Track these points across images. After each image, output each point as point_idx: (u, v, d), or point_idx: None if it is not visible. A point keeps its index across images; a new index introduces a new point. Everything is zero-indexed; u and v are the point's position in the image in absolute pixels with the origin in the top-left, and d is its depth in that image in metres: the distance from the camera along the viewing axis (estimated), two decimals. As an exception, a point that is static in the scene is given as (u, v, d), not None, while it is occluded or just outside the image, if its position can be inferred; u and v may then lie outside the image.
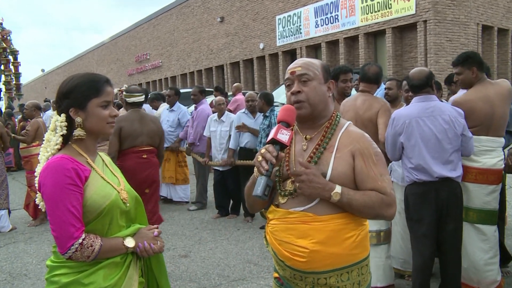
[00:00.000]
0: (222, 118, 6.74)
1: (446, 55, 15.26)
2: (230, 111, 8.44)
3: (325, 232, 1.82)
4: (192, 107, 8.21)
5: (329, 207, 1.84)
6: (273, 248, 1.94)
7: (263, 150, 1.80)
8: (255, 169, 1.91)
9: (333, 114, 2.00)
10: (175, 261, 5.00)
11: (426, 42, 15.60)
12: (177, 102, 7.66)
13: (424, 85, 3.47)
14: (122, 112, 6.82)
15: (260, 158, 1.80)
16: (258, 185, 1.76)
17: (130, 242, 1.86)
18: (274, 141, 1.81)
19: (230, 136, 6.59)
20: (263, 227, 5.95)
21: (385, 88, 4.80)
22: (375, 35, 18.04)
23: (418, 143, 3.38)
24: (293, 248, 1.84)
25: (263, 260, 4.93)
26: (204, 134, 6.99)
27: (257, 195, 1.75)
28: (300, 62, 1.98)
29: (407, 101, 4.24)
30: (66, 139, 1.85)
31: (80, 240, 1.72)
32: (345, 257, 1.84)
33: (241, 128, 6.29)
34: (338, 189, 1.81)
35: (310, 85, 1.93)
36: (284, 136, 1.81)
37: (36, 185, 1.82)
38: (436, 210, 3.39)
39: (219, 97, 7.13)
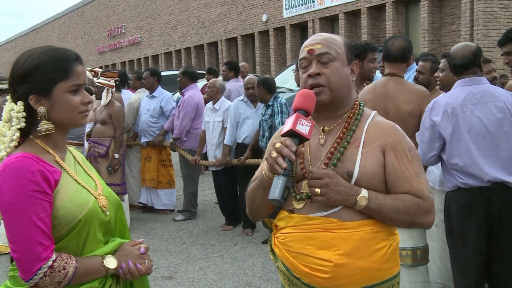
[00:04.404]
0: (215, 105, 6.77)
1: (499, 27, 15.07)
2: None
3: (352, 242, 1.86)
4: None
5: (356, 212, 1.90)
6: (285, 263, 1.97)
7: (278, 145, 1.80)
8: (265, 167, 1.93)
9: (356, 102, 2.07)
10: (157, 283, 5.02)
11: (472, 10, 15.48)
12: (159, 87, 7.66)
13: (470, 65, 3.43)
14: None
15: (275, 154, 1.80)
16: (275, 187, 1.77)
17: (111, 262, 1.83)
18: (292, 133, 1.81)
19: (224, 129, 6.61)
20: (266, 242, 5.96)
21: (416, 71, 4.76)
22: (406, 4, 17.98)
23: (463, 137, 3.33)
24: (313, 262, 1.88)
25: (266, 282, 4.94)
26: (202, 127, 7.05)
27: (275, 199, 1.76)
28: (320, 38, 2.02)
29: (443, 85, 4.16)
30: (25, 132, 1.80)
31: (50, 262, 1.67)
32: (374, 272, 1.89)
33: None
34: (364, 192, 1.87)
35: (332, 66, 1.97)
36: (304, 127, 1.82)
37: None
38: (486, 225, 3.34)
39: (213, 79, 7.13)
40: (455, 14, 16.44)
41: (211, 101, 6.88)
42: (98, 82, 6.56)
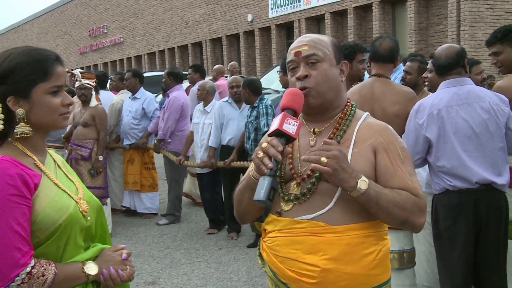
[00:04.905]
0: (206, 107, 6.79)
1: (485, 27, 15.27)
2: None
3: (339, 246, 1.86)
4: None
5: (345, 215, 1.88)
6: (272, 268, 1.96)
7: (264, 144, 1.81)
8: (252, 168, 1.94)
9: (348, 103, 2.07)
10: (140, 289, 5.00)
11: (459, 11, 15.64)
12: (142, 88, 7.64)
13: (454, 65, 3.47)
14: (76, 100, 6.80)
15: (261, 154, 1.80)
16: (261, 187, 1.76)
17: (92, 269, 1.81)
18: (279, 133, 1.81)
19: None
20: (252, 246, 5.98)
21: (403, 71, 4.79)
22: (393, 4, 18.12)
23: (450, 139, 3.36)
24: (300, 266, 1.87)
25: (251, 287, 4.94)
26: (191, 128, 7.06)
27: (260, 200, 1.76)
28: (306, 40, 2.02)
29: (431, 86, 4.21)
30: (3, 135, 1.79)
31: (28, 269, 1.65)
32: (363, 278, 1.88)
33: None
34: (364, 178, 1.84)
35: (320, 67, 1.97)
36: (291, 126, 1.82)
37: None
38: (474, 227, 3.38)
39: (203, 82, 7.15)
40: (442, 15, 16.59)
41: (202, 103, 6.90)
42: (87, 83, 6.53)
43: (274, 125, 1.82)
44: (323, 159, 1.80)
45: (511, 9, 15.80)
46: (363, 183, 1.82)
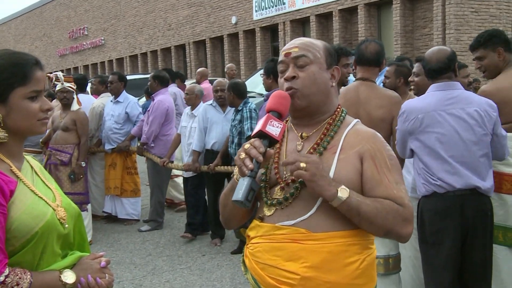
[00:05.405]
0: (194, 111, 6.82)
1: (470, 30, 15.45)
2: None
3: (321, 254, 1.85)
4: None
5: (327, 222, 1.88)
6: (253, 275, 1.96)
7: (247, 145, 1.82)
8: (235, 170, 1.95)
9: (338, 109, 2.08)
10: (122, 297, 4.98)
11: (444, 14, 15.81)
12: (124, 92, 7.62)
13: (445, 69, 3.49)
14: (55, 103, 6.77)
15: (243, 155, 1.82)
16: (240, 187, 1.77)
17: (69, 277, 1.80)
18: (262, 135, 1.83)
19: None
20: (235, 252, 5.98)
21: (384, 76, 4.84)
22: (378, 6, 18.25)
23: (435, 144, 3.39)
24: (279, 274, 1.87)
25: (236, 294, 4.94)
26: (178, 131, 7.07)
27: (238, 200, 1.76)
28: (298, 42, 2.06)
29: (418, 90, 4.24)
30: None
31: (2, 278, 1.65)
32: (345, 287, 1.87)
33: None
34: (344, 187, 1.84)
35: (308, 70, 1.99)
36: (274, 128, 1.83)
37: None
38: (461, 232, 3.41)
39: (192, 85, 7.17)
40: (427, 18, 16.76)
41: (189, 107, 6.92)
42: (69, 87, 6.49)
43: (257, 127, 1.85)
44: (302, 164, 1.81)
45: (495, 13, 16.01)
46: (343, 192, 1.82)
